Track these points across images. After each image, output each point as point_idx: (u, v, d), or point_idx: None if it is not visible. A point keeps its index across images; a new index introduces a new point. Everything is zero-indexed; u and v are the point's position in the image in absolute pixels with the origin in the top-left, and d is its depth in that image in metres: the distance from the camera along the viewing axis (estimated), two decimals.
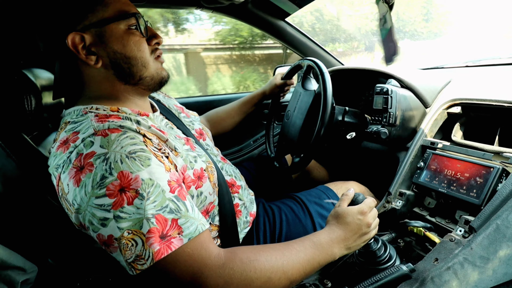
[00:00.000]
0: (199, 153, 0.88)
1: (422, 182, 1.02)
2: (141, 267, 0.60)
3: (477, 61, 1.55)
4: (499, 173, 0.85)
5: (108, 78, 0.78)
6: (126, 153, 0.63)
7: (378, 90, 1.20)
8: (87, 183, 0.61)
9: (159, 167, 0.66)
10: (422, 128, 1.14)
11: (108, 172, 0.60)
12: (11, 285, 0.68)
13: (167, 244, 0.60)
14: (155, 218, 0.60)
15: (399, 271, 0.72)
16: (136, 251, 0.59)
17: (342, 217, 0.79)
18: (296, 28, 1.85)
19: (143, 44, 0.79)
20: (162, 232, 0.60)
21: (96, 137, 0.64)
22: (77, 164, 0.62)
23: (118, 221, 0.59)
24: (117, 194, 0.60)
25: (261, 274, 0.65)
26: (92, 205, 0.60)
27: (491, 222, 0.75)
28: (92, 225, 0.61)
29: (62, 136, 0.69)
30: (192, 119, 1.10)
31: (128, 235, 0.59)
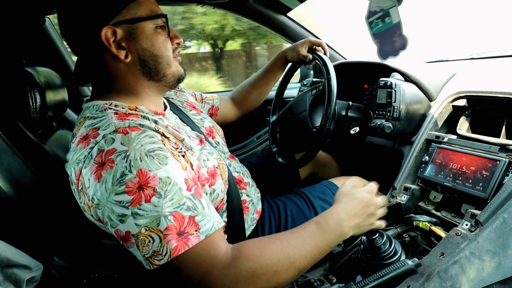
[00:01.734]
0: (210, 150, 0.89)
1: (427, 176, 1.02)
2: (158, 263, 0.62)
3: (482, 53, 1.53)
4: (505, 166, 0.84)
5: (134, 73, 0.80)
6: (145, 151, 0.65)
7: (382, 84, 1.19)
8: (107, 179, 0.62)
9: (176, 165, 0.68)
10: (427, 122, 1.13)
11: (128, 170, 0.62)
12: (17, 283, 0.68)
13: (185, 241, 0.62)
14: (173, 215, 0.62)
15: (405, 266, 0.71)
16: (153, 247, 0.61)
17: (352, 192, 0.79)
18: (298, 22, 1.83)
19: (169, 44, 0.82)
20: (180, 229, 0.62)
21: (117, 134, 0.66)
22: (98, 160, 0.64)
23: (136, 218, 0.61)
24: (136, 192, 0.61)
25: (267, 269, 0.65)
26: (111, 201, 0.62)
27: (497, 215, 0.74)
28: (110, 221, 0.63)
29: (82, 132, 0.71)
30: (203, 117, 1.09)
31: (145, 232, 0.61)
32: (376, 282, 0.70)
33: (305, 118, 1.19)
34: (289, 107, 1.31)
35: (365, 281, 0.71)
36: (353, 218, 0.75)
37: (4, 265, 0.68)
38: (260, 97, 1.42)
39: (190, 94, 1.21)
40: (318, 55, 1.16)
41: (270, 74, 1.37)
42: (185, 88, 1.23)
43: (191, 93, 1.23)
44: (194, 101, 1.17)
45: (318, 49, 1.24)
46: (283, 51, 1.33)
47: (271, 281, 0.66)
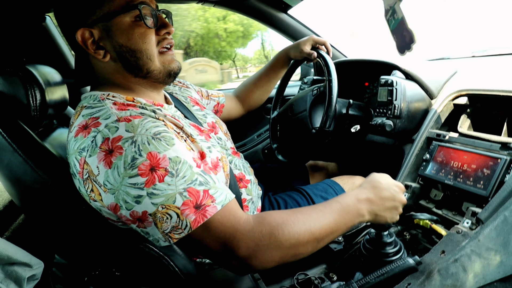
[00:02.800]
0: (213, 143, 0.89)
1: (428, 174, 1.01)
2: (178, 236, 0.65)
3: (484, 51, 1.52)
4: (506, 164, 0.84)
5: (118, 70, 0.80)
6: (151, 134, 0.66)
7: (383, 82, 1.18)
8: (119, 165, 0.63)
9: (182, 145, 0.70)
10: (428, 120, 1.13)
11: (138, 154, 0.63)
12: (18, 281, 0.68)
13: (203, 213, 0.64)
14: (187, 191, 0.64)
15: (406, 263, 0.71)
16: (172, 223, 0.64)
17: (379, 182, 0.80)
18: (299, 20, 1.83)
19: (149, 36, 0.78)
20: (196, 203, 0.64)
21: (120, 123, 0.67)
22: (105, 148, 0.64)
23: (151, 198, 0.63)
24: (149, 173, 0.63)
25: (289, 236, 0.66)
26: (126, 185, 0.63)
27: (498, 213, 0.74)
28: (126, 203, 0.64)
29: (80, 121, 0.71)
30: (206, 112, 1.09)
31: (162, 210, 0.63)
32: (377, 280, 0.70)
33: (305, 118, 1.19)
34: (289, 105, 1.30)
35: (366, 279, 0.71)
36: (371, 204, 0.76)
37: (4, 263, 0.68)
38: (263, 95, 1.41)
39: (196, 91, 1.22)
40: (321, 54, 1.15)
41: (272, 72, 1.37)
42: (192, 84, 1.22)
43: (196, 90, 1.23)
44: (198, 97, 1.17)
45: (321, 48, 1.23)
46: (286, 49, 1.32)
47: (292, 249, 0.67)
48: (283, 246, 0.66)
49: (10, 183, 0.79)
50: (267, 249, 0.65)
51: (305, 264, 0.92)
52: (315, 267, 0.92)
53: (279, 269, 0.89)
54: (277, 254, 0.66)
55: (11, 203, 1.07)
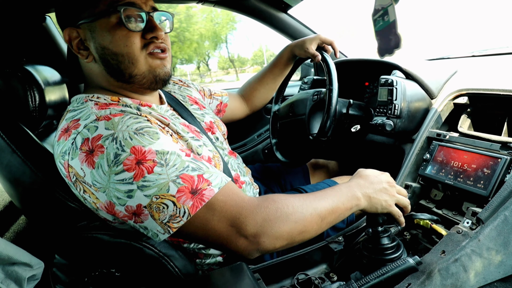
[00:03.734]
0: (205, 142, 0.87)
1: (428, 174, 1.01)
2: (177, 225, 0.63)
3: (484, 50, 1.52)
4: (507, 164, 0.84)
5: (102, 73, 0.78)
6: (133, 130, 0.64)
7: (383, 82, 1.18)
8: (101, 163, 0.62)
9: (168, 139, 0.68)
10: (428, 120, 1.13)
11: (121, 150, 0.62)
12: (18, 281, 0.68)
13: (200, 198, 0.63)
14: (180, 178, 0.63)
15: (406, 263, 0.71)
16: (169, 212, 0.62)
17: (363, 171, 0.85)
18: (299, 20, 1.83)
19: (131, 39, 0.74)
20: (192, 188, 0.63)
21: (99, 122, 0.65)
22: (85, 149, 0.63)
23: (143, 190, 0.61)
24: (135, 167, 0.61)
25: (293, 209, 0.67)
26: (113, 182, 0.62)
27: (499, 213, 0.74)
28: (118, 199, 0.63)
29: (63, 125, 0.70)
30: (205, 112, 1.08)
31: (157, 200, 0.61)
32: (377, 280, 0.70)
33: (303, 122, 1.19)
34: (290, 104, 1.30)
35: (366, 279, 0.71)
36: (363, 188, 0.78)
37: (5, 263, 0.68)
38: (268, 93, 1.40)
39: (197, 90, 1.20)
40: (325, 59, 1.13)
41: (276, 69, 1.35)
42: (194, 83, 1.21)
43: (199, 89, 1.21)
44: (199, 97, 1.16)
45: (327, 48, 1.21)
46: (291, 46, 1.29)
47: (299, 223, 0.67)
48: (290, 219, 0.66)
49: (10, 184, 0.79)
50: (275, 223, 0.65)
51: (305, 264, 0.92)
52: (315, 267, 0.92)
53: (279, 269, 0.89)
54: (285, 228, 0.66)
55: (11, 204, 1.07)
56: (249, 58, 33.81)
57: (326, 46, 1.22)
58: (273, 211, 0.66)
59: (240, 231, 0.64)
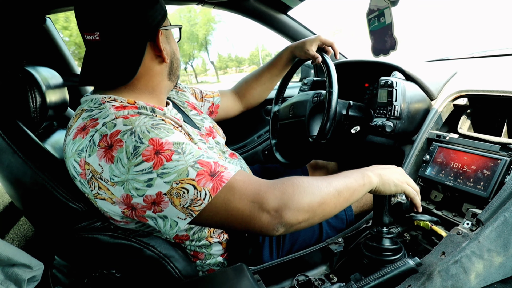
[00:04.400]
0: (211, 145, 0.91)
1: (428, 176, 1.01)
2: (199, 208, 0.65)
3: (483, 52, 1.52)
4: (506, 165, 0.84)
5: (163, 73, 0.85)
6: (150, 125, 0.67)
7: (383, 83, 1.18)
8: (121, 157, 0.64)
9: (181, 134, 0.72)
10: (428, 121, 1.13)
11: (139, 142, 0.64)
12: (18, 282, 0.68)
13: (219, 179, 0.65)
14: (198, 163, 0.65)
15: (406, 265, 0.71)
16: (190, 196, 0.64)
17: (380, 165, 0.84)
18: (298, 22, 1.83)
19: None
20: (211, 171, 0.66)
21: (118, 119, 0.68)
22: (103, 145, 0.65)
23: (163, 177, 0.63)
24: (154, 157, 0.63)
25: (309, 184, 0.69)
26: (133, 173, 0.64)
27: (499, 214, 0.74)
28: (137, 190, 0.65)
29: (79, 123, 0.71)
30: (203, 117, 1.10)
31: (177, 186, 0.63)
32: (377, 282, 0.70)
33: (303, 123, 1.19)
34: (290, 105, 1.30)
35: (366, 280, 0.71)
36: (373, 170, 0.80)
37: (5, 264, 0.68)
38: (264, 92, 1.40)
39: (191, 93, 1.22)
40: (326, 61, 1.13)
41: (275, 70, 1.35)
42: (186, 86, 1.22)
43: (191, 92, 1.23)
44: (194, 101, 1.17)
45: (328, 50, 1.22)
46: (291, 47, 1.29)
47: (317, 195, 0.69)
48: (308, 192, 0.68)
49: (10, 185, 0.79)
50: (294, 195, 0.66)
51: (305, 266, 0.92)
52: (315, 268, 0.92)
53: (279, 270, 0.89)
54: (305, 199, 0.67)
55: (12, 205, 1.07)
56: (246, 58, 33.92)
57: (326, 47, 1.22)
58: (290, 186, 0.68)
59: (262, 206, 0.65)
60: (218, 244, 0.93)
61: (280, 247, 1.02)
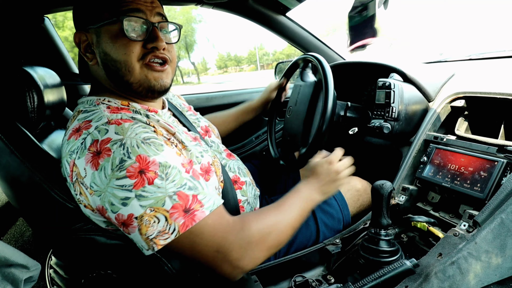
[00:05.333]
0: (205, 148, 0.89)
1: (425, 177, 1.02)
2: (164, 242, 0.64)
3: (481, 54, 1.53)
4: (503, 167, 0.84)
5: (105, 77, 0.80)
6: (141, 139, 0.66)
7: (381, 85, 1.19)
8: (106, 166, 0.63)
9: (172, 151, 0.70)
10: (425, 122, 1.13)
11: (127, 156, 0.63)
12: (14, 282, 0.68)
13: (191, 217, 0.65)
14: (177, 195, 0.64)
15: (403, 266, 0.71)
16: (159, 227, 0.63)
17: (314, 169, 0.94)
18: (297, 23, 1.83)
19: (130, 48, 0.75)
20: (186, 207, 0.64)
21: (110, 125, 0.67)
22: (93, 150, 0.65)
23: (140, 200, 0.62)
24: (138, 175, 0.62)
25: (273, 228, 0.75)
26: (113, 186, 0.63)
27: (495, 216, 0.74)
28: (112, 206, 0.63)
29: (75, 124, 0.72)
30: (198, 117, 1.12)
31: (150, 213, 0.62)
32: (374, 283, 0.70)
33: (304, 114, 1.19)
34: (288, 107, 1.31)
35: (363, 281, 0.71)
36: (318, 188, 0.90)
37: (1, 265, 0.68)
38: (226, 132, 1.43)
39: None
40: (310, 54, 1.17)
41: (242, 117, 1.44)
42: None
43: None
44: (189, 105, 1.19)
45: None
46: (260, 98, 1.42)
47: (278, 239, 0.76)
48: (271, 238, 0.73)
49: (7, 184, 0.79)
50: (257, 245, 0.71)
51: (303, 267, 0.92)
52: (312, 269, 0.92)
53: (277, 271, 0.89)
54: (265, 250, 0.72)
55: (8, 205, 1.07)
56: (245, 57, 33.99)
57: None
58: (256, 233, 0.71)
59: (225, 257, 0.68)
60: None
61: None
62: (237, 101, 2.02)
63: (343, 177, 0.94)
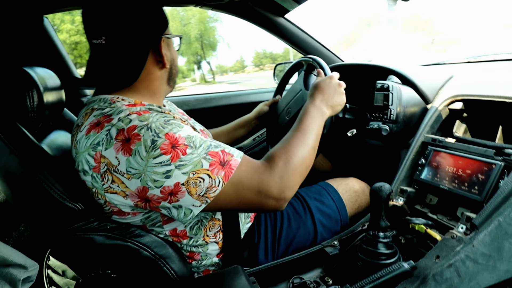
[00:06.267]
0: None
1: (423, 179, 1.02)
2: (214, 194, 0.73)
3: (478, 56, 1.54)
4: (501, 170, 0.85)
5: (163, 77, 0.90)
6: (162, 121, 0.73)
7: (379, 87, 1.19)
8: (139, 149, 0.69)
9: (189, 128, 0.78)
10: (423, 125, 1.14)
11: (156, 136, 0.70)
12: (12, 282, 0.68)
13: (229, 167, 0.74)
14: (209, 154, 0.73)
15: (400, 268, 0.72)
16: (206, 184, 0.72)
17: (318, 86, 1.01)
18: (296, 25, 1.84)
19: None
20: (221, 161, 0.74)
21: (132, 115, 0.73)
22: (121, 138, 0.70)
23: (180, 169, 0.70)
24: (171, 151, 0.70)
25: (297, 157, 0.82)
26: (151, 165, 0.69)
27: (493, 219, 0.75)
28: (155, 182, 0.70)
29: (91, 120, 0.75)
30: (194, 122, 1.13)
31: (193, 176, 0.71)
32: (372, 285, 0.71)
33: None
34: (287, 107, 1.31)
35: (361, 283, 0.71)
36: (325, 101, 0.98)
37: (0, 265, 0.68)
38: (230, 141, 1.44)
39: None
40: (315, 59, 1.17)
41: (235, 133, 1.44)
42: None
43: None
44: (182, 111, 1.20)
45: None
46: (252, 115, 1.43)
47: (305, 164, 0.84)
48: (298, 166, 0.81)
49: (7, 184, 0.79)
50: (289, 176, 0.79)
51: (301, 268, 0.92)
52: (310, 271, 0.93)
53: (275, 272, 0.90)
54: (297, 176, 0.81)
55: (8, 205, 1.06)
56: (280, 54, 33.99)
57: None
58: (284, 167, 0.79)
59: (267, 194, 0.77)
60: (214, 244, 0.93)
61: (275, 248, 1.03)
62: (235, 102, 2.03)
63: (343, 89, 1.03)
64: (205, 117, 1.69)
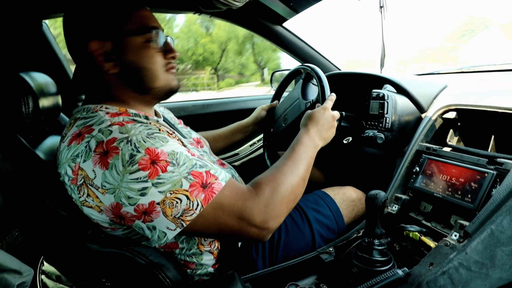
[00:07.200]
0: (201, 153, 0.94)
1: (417, 187, 1.03)
2: (191, 217, 0.69)
3: (472, 67, 1.56)
4: (493, 179, 0.86)
5: (120, 84, 0.83)
6: (145, 135, 0.70)
7: (374, 95, 1.21)
8: (116, 164, 0.65)
9: (176, 142, 0.75)
10: (418, 133, 1.15)
11: (136, 151, 0.66)
12: None
13: (210, 190, 0.70)
14: (191, 174, 0.69)
15: (395, 275, 0.72)
16: (182, 206, 0.67)
17: (313, 117, 1.00)
18: (293, 33, 1.86)
19: (157, 58, 0.84)
20: (203, 182, 0.70)
21: (114, 126, 0.70)
22: (99, 151, 0.67)
23: (158, 187, 0.66)
24: (150, 166, 0.66)
25: (285, 186, 0.79)
26: (127, 181, 0.65)
27: (485, 227, 0.76)
28: (129, 199, 0.66)
29: (74, 131, 0.73)
30: (189, 130, 1.14)
31: (170, 195, 0.67)
32: None
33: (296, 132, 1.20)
34: (283, 114, 1.32)
35: None
36: (319, 134, 0.97)
37: None
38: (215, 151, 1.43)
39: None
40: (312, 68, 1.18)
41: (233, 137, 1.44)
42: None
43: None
44: (179, 119, 1.21)
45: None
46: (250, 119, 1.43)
47: (293, 194, 0.81)
48: (285, 196, 0.78)
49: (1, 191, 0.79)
50: (275, 205, 0.76)
51: (296, 275, 0.92)
52: (306, 277, 0.93)
53: (270, 279, 0.90)
54: (283, 206, 0.78)
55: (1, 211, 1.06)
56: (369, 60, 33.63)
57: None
58: (270, 194, 0.76)
59: (249, 221, 0.73)
60: (209, 254, 0.91)
61: (273, 260, 1.02)
62: (233, 108, 2.04)
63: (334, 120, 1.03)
64: (202, 123, 1.70)
